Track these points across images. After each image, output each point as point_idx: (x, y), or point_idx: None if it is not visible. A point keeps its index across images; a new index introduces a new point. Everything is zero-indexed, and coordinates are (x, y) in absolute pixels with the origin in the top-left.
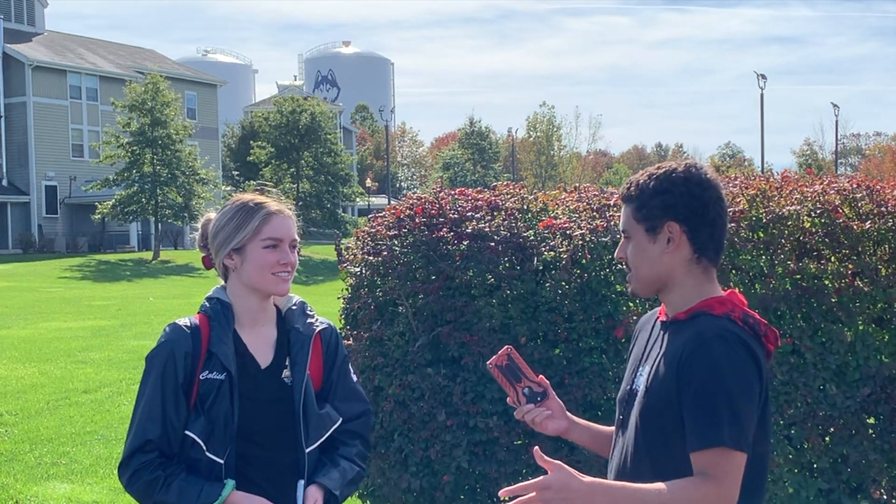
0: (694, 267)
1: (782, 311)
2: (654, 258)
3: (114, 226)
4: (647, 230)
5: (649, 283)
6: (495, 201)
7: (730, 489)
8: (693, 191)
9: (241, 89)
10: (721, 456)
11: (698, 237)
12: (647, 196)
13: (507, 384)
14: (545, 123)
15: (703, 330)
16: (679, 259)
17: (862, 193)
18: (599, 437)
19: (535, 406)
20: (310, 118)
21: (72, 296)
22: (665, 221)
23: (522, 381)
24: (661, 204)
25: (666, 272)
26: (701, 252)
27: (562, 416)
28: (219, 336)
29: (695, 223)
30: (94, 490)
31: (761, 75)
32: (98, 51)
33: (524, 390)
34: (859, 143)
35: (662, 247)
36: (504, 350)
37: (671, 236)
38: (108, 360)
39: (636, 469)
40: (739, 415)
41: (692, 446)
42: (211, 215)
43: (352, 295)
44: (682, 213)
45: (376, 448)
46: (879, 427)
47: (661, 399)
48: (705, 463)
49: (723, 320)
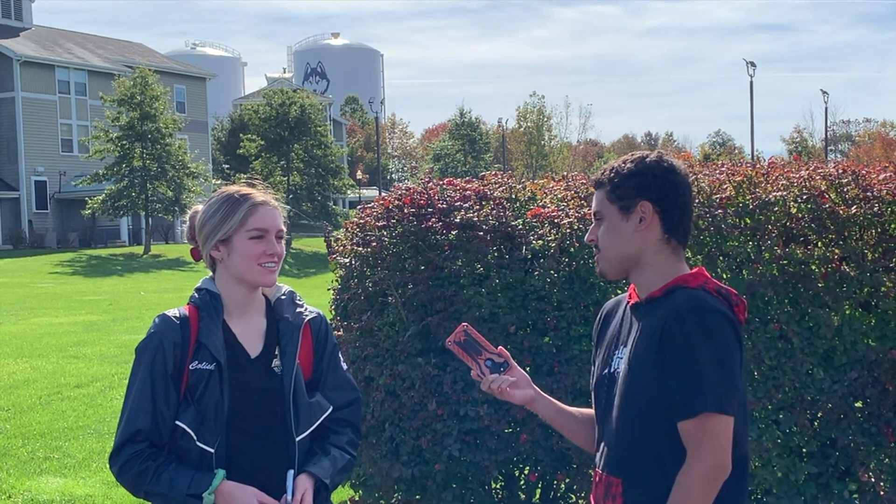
0: (664, 247)
1: (769, 296)
2: (626, 237)
3: (104, 220)
4: (621, 209)
5: (619, 261)
6: (483, 191)
7: (720, 454)
8: (665, 175)
9: (231, 82)
10: (707, 421)
11: (669, 218)
12: (623, 177)
13: (469, 358)
14: (535, 113)
15: (680, 302)
16: (650, 238)
17: (848, 179)
18: (563, 413)
19: (498, 376)
20: (299, 110)
21: (63, 291)
22: (638, 201)
23: (483, 353)
24: (635, 184)
25: (637, 251)
26: (671, 233)
27: (527, 385)
28: (208, 326)
29: (666, 204)
30: (86, 484)
31: (750, 63)
32: (86, 45)
33: (486, 362)
34: (849, 129)
35: (634, 225)
36: (460, 327)
37: (643, 215)
38: (99, 354)
39: (625, 450)
40: (722, 379)
41: (678, 416)
42: (198, 207)
43: (342, 286)
44: (655, 193)
45: (367, 438)
46: (867, 410)
47: (645, 375)
48: (693, 431)
49: (698, 291)
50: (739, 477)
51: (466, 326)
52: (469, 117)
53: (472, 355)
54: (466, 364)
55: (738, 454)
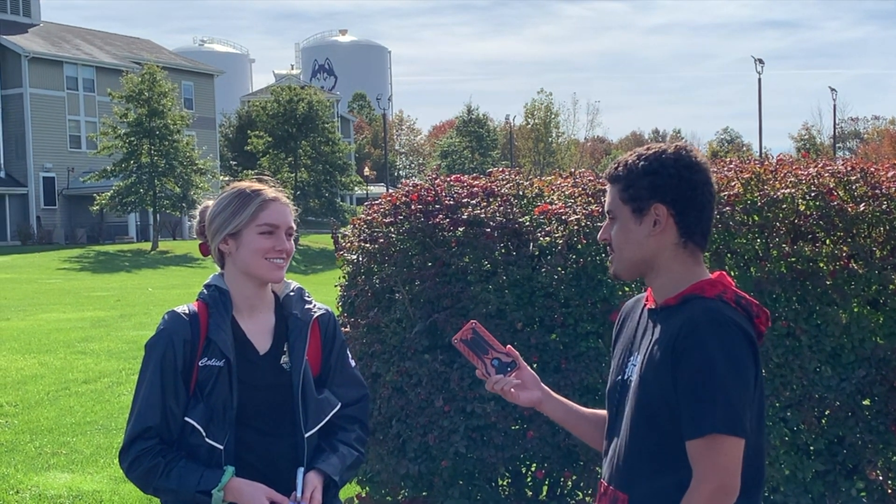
0: (681, 251)
1: (777, 293)
2: (639, 240)
3: (112, 217)
4: (634, 211)
5: (632, 265)
6: (491, 187)
7: (728, 475)
8: (682, 173)
9: (238, 79)
10: (715, 442)
11: (685, 221)
12: (636, 176)
13: (475, 357)
14: (543, 110)
15: (696, 314)
16: (665, 242)
17: (856, 176)
18: (573, 414)
19: (503, 376)
20: (307, 107)
21: (71, 287)
22: (652, 203)
23: (490, 352)
24: (649, 185)
25: (651, 255)
26: (688, 236)
27: (535, 386)
28: (217, 323)
29: (682, 206)
30: (94, 479)
31: (759, 60)
32: (94, 41)
33: (492, 361)
34: (857, 127)
35: (648, 229)
36: (468, 325)
37: (658, 219)
38: (107, 350)
39: (633, 464)
40: (734, 399)
41: (687, 435)
42: (209, 203)
43: (349, 282)
44: (670, 195)
45: (374, 434)
46: (874, 408)
47: (657, 387)
48: (700, 451)
49: (716, 302)
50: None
51: (475, 324)
52: (476, 114)
53: (478, 354)
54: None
55: (750, 475)
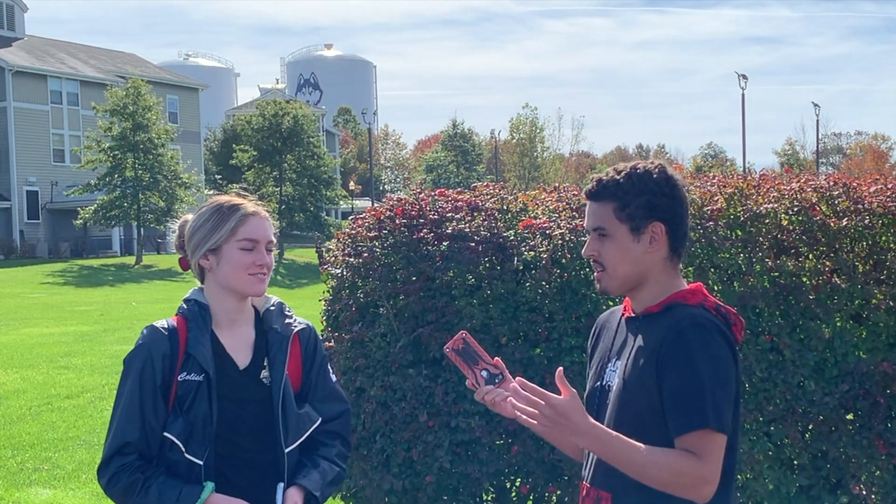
0: (668, 264)
1: (761, 308)
2: (636, 257)
3: (96, 231)
4: (632, 230)
5: (626, 281)
6: (475, 202)
7: (713, 467)
8: (674, 192)
9: (223, 93)
10: (705, 437)
11: (675, 236)
12: (631, 196)
13: (466, 367)
14: (528, 125)
15: (681, 319)
16: (657, 257)
17: (839, 191)
18: None
19: (494, 387)
20: (292, 121)
21: (54, 301)
22: (650, 222)
23: (479, 363)
24: (646, 204)
25: (645, 270)
26: (675, 250)
27: None
28: (196, 337)
29: (675, 223)
30: (76, 495)
31: (742, 75)
32: (79, 55)
33: (482, 372)
34: (840, 142)
35: (645, 246)
36: (459, 335)
37: (654, 236)
38: (90, 365)
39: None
40: (718, 398)
41: (677, 430)
42: (188, 217)
43: (333, 297)
44: (666, 213)
45: (358, 449)
46: (858, 423)
47: (640, 390)
48: (691, 444)
49: (698, 309)
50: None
51: (465, 335)
52: (462, 129)
53: (468, 364)
54: (461, 372)
55: (727, 468)
